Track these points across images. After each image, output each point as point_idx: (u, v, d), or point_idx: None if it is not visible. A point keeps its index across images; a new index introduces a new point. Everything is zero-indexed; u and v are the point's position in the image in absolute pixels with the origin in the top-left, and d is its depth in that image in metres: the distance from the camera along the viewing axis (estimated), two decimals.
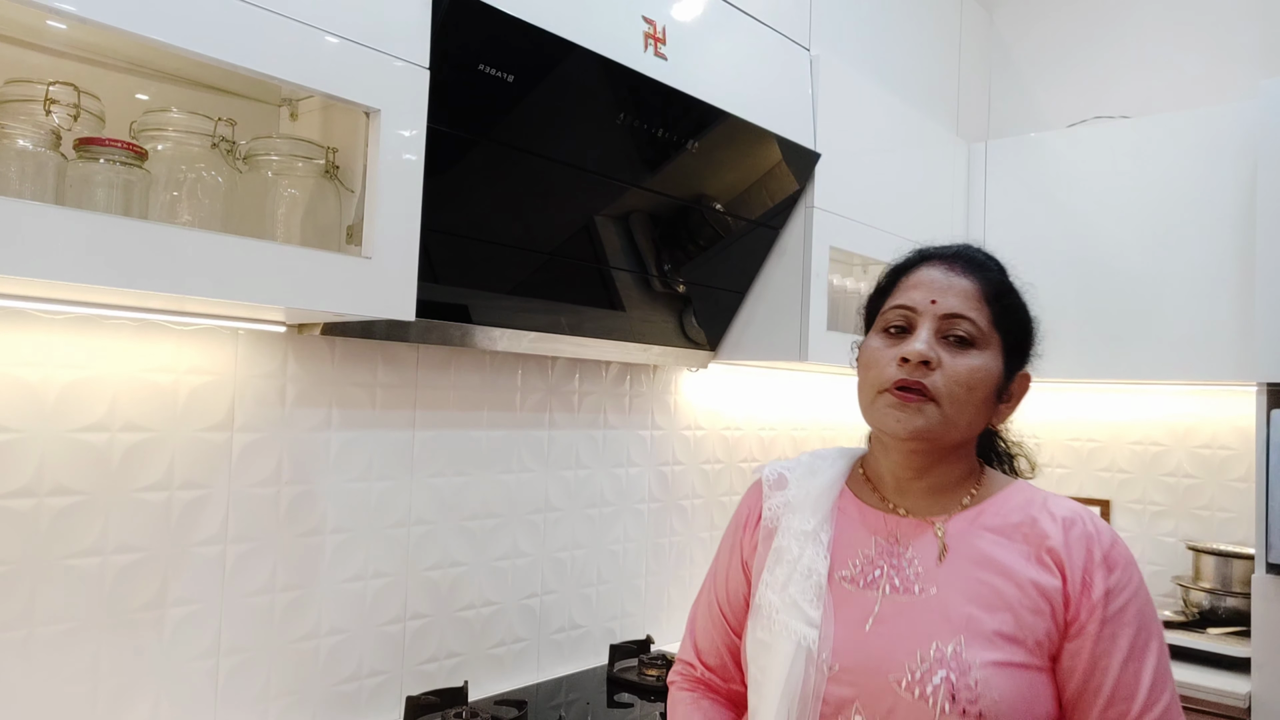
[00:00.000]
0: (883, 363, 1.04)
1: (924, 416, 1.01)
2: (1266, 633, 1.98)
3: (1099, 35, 2.86)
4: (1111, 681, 0.95)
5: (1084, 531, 1.00)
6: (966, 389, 1.01)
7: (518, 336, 1.68)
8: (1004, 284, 1.08)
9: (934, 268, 1.07)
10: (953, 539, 1.03)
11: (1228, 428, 2.54)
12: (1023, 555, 1.00)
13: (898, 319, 1.06)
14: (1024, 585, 0.98)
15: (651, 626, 2.17)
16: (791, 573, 1.05)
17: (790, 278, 2.04)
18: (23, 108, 1.08)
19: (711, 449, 2.35)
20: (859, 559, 1.05)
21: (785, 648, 1.01)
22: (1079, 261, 2.50)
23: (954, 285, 1.04)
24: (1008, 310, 1.06)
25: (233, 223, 1.23)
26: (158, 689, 1.36)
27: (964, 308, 1.03)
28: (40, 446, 1.25)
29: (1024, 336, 1.08)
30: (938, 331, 1.03)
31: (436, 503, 1.73)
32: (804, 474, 1.14)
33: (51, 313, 1.25)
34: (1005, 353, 1.05)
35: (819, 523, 1.08)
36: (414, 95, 1.26)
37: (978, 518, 1.04)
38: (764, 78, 1.90)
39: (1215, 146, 2.31)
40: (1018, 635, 0.96)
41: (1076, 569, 0.98)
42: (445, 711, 1.60)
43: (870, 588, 1.03)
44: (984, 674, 0.93)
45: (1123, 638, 0.96)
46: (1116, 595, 0.97)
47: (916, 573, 1.02)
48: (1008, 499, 1.06)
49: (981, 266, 1.08)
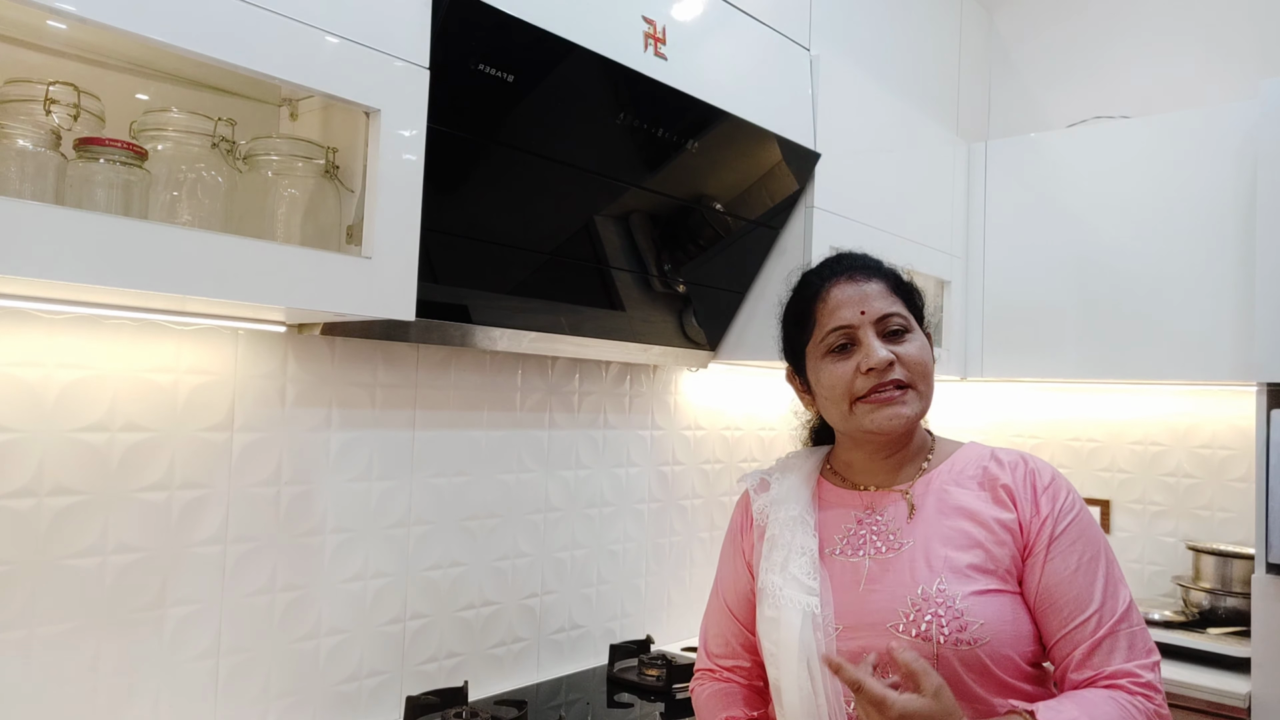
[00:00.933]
0: (846, 378, 1.16)
1: (910, 404, 1.14)
2: (1266, 633, 1.98)
3: (1099, 35, 2.86)
4: (1066, 592, 1.08)
5: (1027, 470, 1.15)
6: (924, 365, 1.16)
7: (518, 336, 1.68)
8: (896, 273, 1.23)
9: (842, 285, 1.19)
10: (918, 498, 1.17)
11: (1228, 428, 2.54)
12: (981, 499, 1.14)
13: (839, 339, 1.17)
14: (988, 523, 1.12)
15: (651, 626, 2.17)
16: (788, 554, 1.18)
17: (790, 278, 2.03)
18: (23, 108, 1.08)
19: (711, 449, 2.35)
20: (842, 534, 1.19)
21: (793, 618, 1.12)
22: (1079, 261, 2.50)
23: (869, 291, 1.18)
24: (909, 292, 1.22)
25: (233, 223, 1.23)
26: (158, 689, 1.37)
27: (888, 306, 1.17)
28: (40, 446, 1.25)
29: (921, 306, 1.24)
30: (879, 333, 1.16)
31: (436, 503, 1.73)
32: (781, 473, 1.27)
33: (51, 313, 1.25)
34: (919, 325, 1.21)
35: (803, 509, 1.21)
36: (414, 95, 1.26)
37: (937, 476, 1.19)
38: (764, 78, 1.90)
39: (1215, 146, 2.31)
40: (988, 566, 1.09)
41: (1026, 500, 1.13)
42: (445, 711, 1.60)
43: (857, 554, 1.16)
44: (966, 604, 1.06)
45: (1071, 554, 1.09)
46: (1061, 518, 1.11)
47: (893, 532, 1.15)
48: (960, 456, 1.21)
49: (873, 267, 1.22)
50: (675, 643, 2.17)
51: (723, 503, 2.38)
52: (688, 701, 1.77)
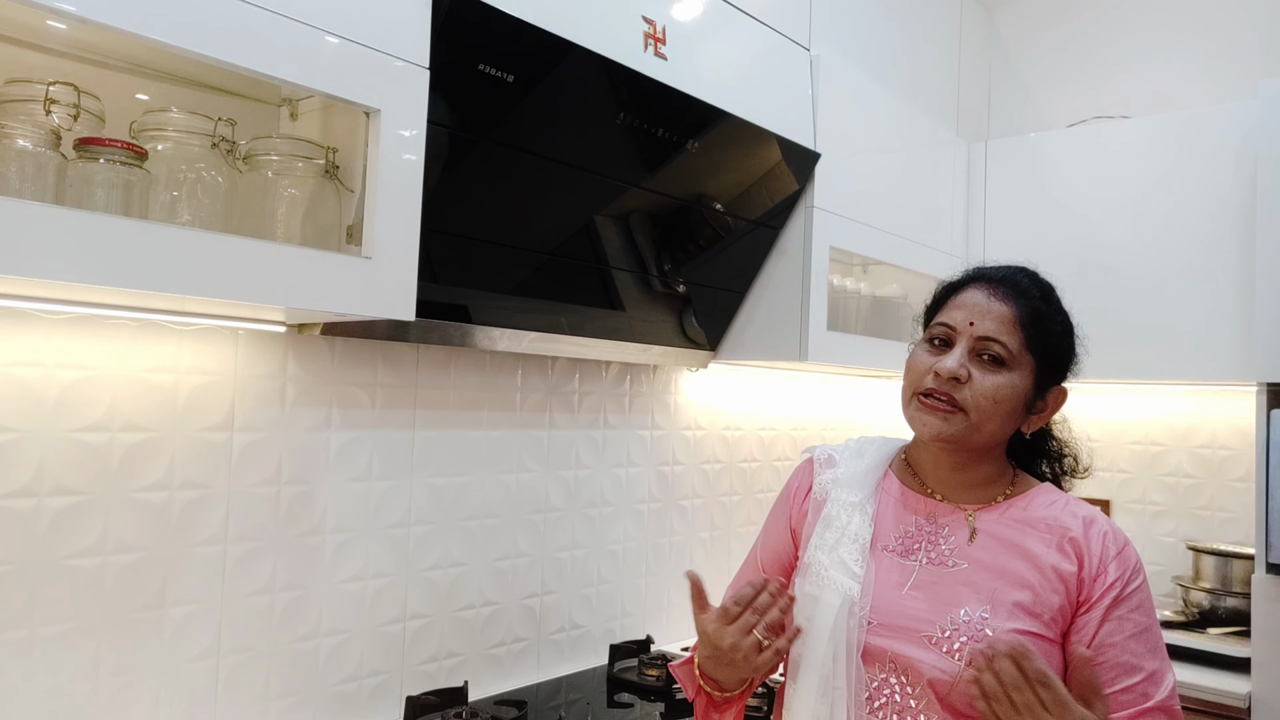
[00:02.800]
0: (920, 371, 1.17)
1: (949, 425, 1.13)
2: (1266, 633, 1.98)
3: (1099, 35, 2.86)
4: (1117, 656, 1.07)
5: (1102, 530, 1.13)
6: (992, 403, 1.13)
7: (518, 336, 1.68)
8: (1040, 311, 1.17)
9: (978, 290, 1.18)
10: (982, 525, 1.16)
11: (1228, 428, 2.54)
12: (1045, 544, 1.13)
13: (940, 334, 1.18)
14: (1044, 569, 1.11)
15: (651, 626, 2.17)
16: (840, 536, 1.18)
17: (790, 278, 2.04)
18: (23, 108, 1.08)
19: (711, 449, 2.35)
20: (900, 533, 1.19)
21: (832, 600, 1.13)
22: (1079, 261, 2.50)
23: (992, 310, 1.15)
24: (1041, 335, 1.16)
25: (233, 223, 1.23)
26: (158, 689, 1.36)
27: (998, 332, 1.14)
28: (40, 446, 1.25)
29: (1057, 357, 1.19)
30: (972, 350, 1.14)
31: (436, 503, 1.73)
32: (851, 456, 1.27)
33: (51, 313, 1.25)
34: (1037, 372, 1.16)
35: (864, 497, 1.21)
36: (414, 95, 1.26)
37: (1006, 510, 1.17)
38: (764, 78, 1.89)
39: (1215, 146, 2.31)
40: (1035, 609, 1.08)
41: (1094, 558, 1.11)
42: (445, 711, 1.60)
43: (909, 558, 1.16)
44: (1005, 639, 1.03)
45: (1129, 621, 1.08)
46: (1126, 585, 1.10)
47: (950, 549, 1.15)
48: (1034, 497, 1.18)
49: (1023, 293, 1.18)
50: (675, 643, 2.17)
51: (722, 503, 2.38)
52: (687, 702, 1.77)
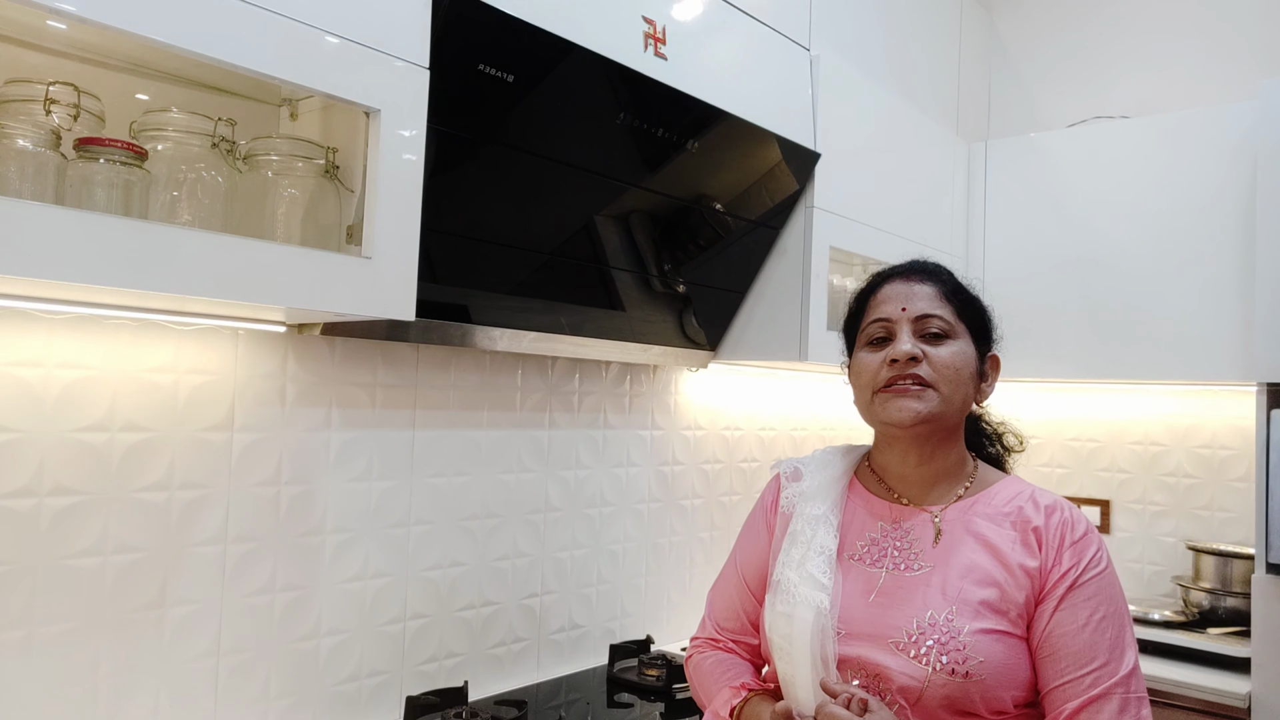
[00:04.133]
0: (873, 368, 1.19)
1: (925, 401, 1.14)
2: (1266, 633, 1.98)
3: (1099, 35, 2.86)
4: (1070, 645, 1.07)
5: (1062, 519, 1.14)
6: (954, 370, 1.16)
7: (518, 336, 1.68)
8: (956, 284, 1.24)
9: (895, 283, 1.22)
10: (947, 524, 1.17)
11: (1228, 428, 2.53)
12: (1010, 540, 1.14)
13: (878, 331, 1.20)
14: (1011, 566, 1.12)
15: (651, 626, 2.17)
16: (806, 551, 1.19)
17: (790, 278, 2.04)
18: (23, 108, 1.08)
19: (711, 449, 2.35)
20: (865, 541, 1.20)
21: (806, 615, 1.13)
22: (1079, 261, 2.50)
23: (917, 291, 1.20)
24: (966, 304, 1.22)
25: (233, 223, 1.23)
26: (158, 689, 1.37)
27: (931, 308, 1.19)
28: (40, 446, 1.25)
29: (985, 324, 1.24)
30: (915, 332, 1.18)
31: (436, 503, 1.73)
32: (816, 468, 1.28)
33: (51, 313, 1.25)
34: (974, 339, 1.21)
35: (829, 508, 1.22)
36: (414, 95, 1.26)
37: (971, 507, 1.18)
38: (764, 78, 1.89)
39: (1215, 146, 2.31)
40: (1001, 606, 1.09)
41: (1051, 548, 1.12)
42: (445, 711, 1.60)
43: (875, 565, 1.17)
44: (971, 639, 1.07)
45: (1082, 609, 1.09)
46: (1084, 573, 1.10)
47: (915, 553, 1.16)
48: (998, 491, 1.20)
49: (935, 273, 1.23)
50: (675, 643, 2.17)
51: (722, 503, 2.38)
52: (688, 702, 1.78)
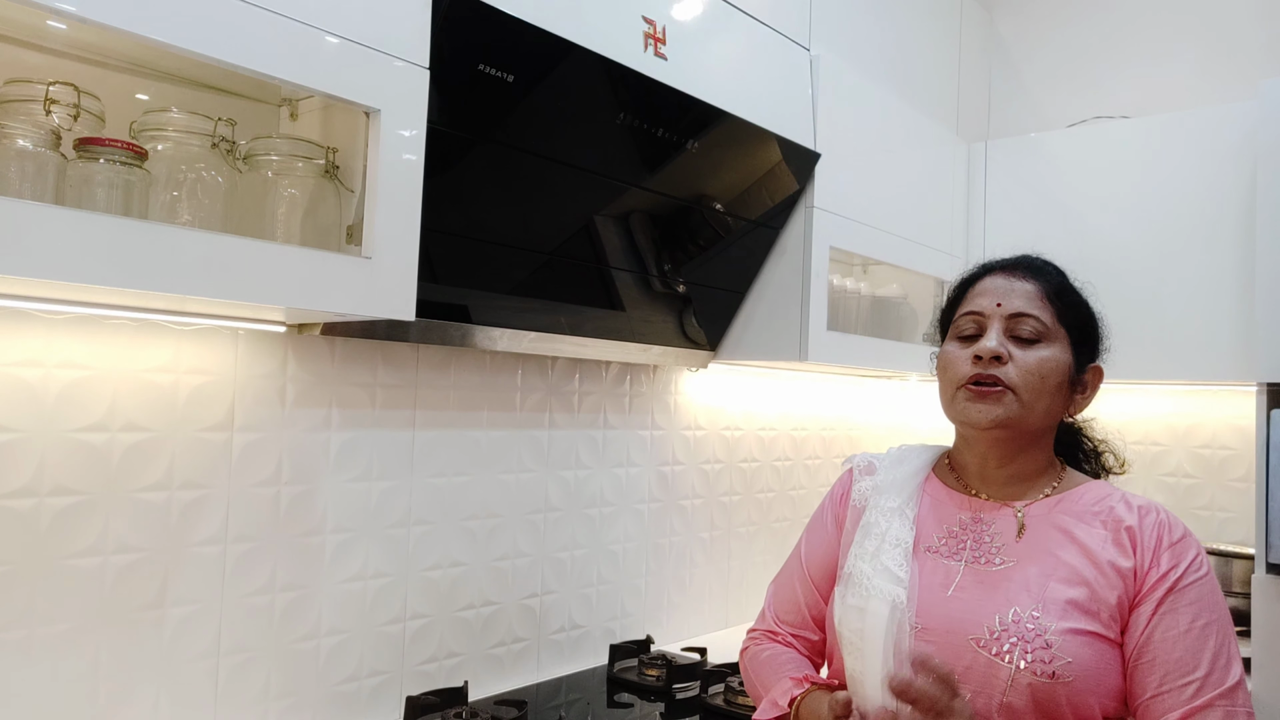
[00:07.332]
0: (958, 362, 1.14)
1: (1003, 406, 1.10)
2: (1266, 633, 1.98)
3: (1099, 35, 2.86)
4: (1171, 652, 1.01)
5: (1158, 520, 1.09)
6: (1039, 378, 1.10)
7: (518, 336, 1.68)
8: (1063, 284, 1.18)
9: (997, 276, 1.18)
10: (1031, 520, 1.12)
11: (1228, 428, 2.53)
12: (1100, 538, 1.08)
13: (969, 325, 1.16)
14: (1101, 564, 1.06)
15: (651, 626, 2.17)
16: (880, 543, 1.14)
17: (790, 278, 2.04)
18: (23, 108, 1.08)
19: (711, 449, 2.35)
20: (943, 533, 1.15)
21: (880, 609, 1.09)
22: (1079, 261, 2.45)
23: (1016, 288, 1.15)
24: (1070, 307, 1.16)
25: (233, 223, 1.23)
26: (158, 689, 1.36)
27: (1028, 307, 1.13)
28: (40, 446, 1.25)
29: (1089, 330, 1.19)
30: (1006, 330, 1.13)
31: (436, 503, 1.73)
32: (891, 463, 1.24)
33: (51, 313, 1.25)
34: (1073, 346, 1.15)
35: (904, 501, 1.18)
36: (414, 95, 1.26)
37: (1057, 505, 1.13)
38: (764, 78, 1.89)
39: (1215, 146, 2.30)
40: (1091, 607, 1.03)
41: (1148, 550, 1.06)
42: (445, 711, 1.60)
43: (953, 558, 1.12)
44: (1059, 639, 1.01)
45: (1183, 614, 1.02)
46: (1181, 576, 1.04)
47: (997, 547, 1.11)
48: (1086, 492, 1.14)
49: (1040, 271, 1.18)
50: (675, 643, 2.17)
51: (723, 503, 2.38)
52: (688, 702, 1.78)
